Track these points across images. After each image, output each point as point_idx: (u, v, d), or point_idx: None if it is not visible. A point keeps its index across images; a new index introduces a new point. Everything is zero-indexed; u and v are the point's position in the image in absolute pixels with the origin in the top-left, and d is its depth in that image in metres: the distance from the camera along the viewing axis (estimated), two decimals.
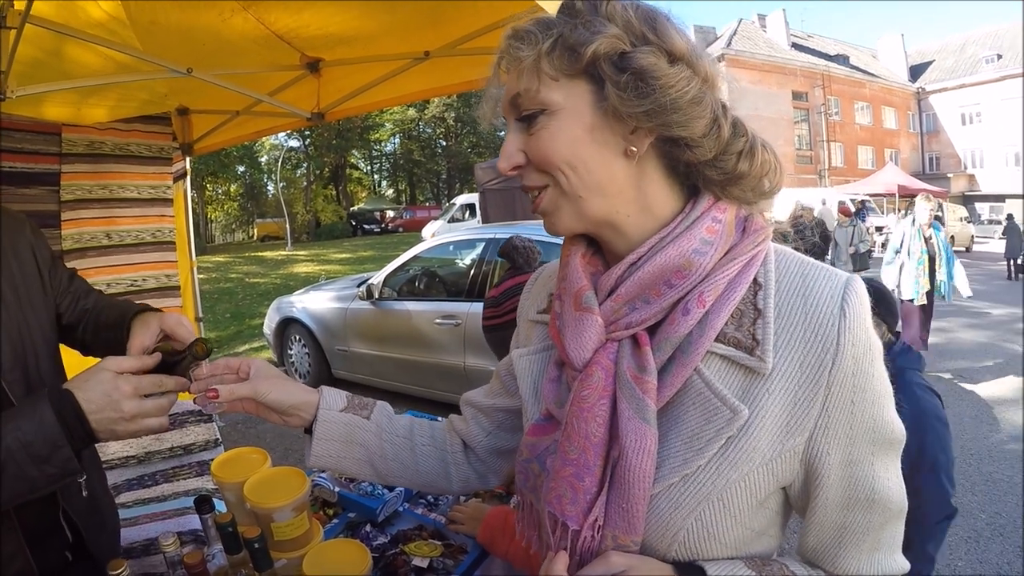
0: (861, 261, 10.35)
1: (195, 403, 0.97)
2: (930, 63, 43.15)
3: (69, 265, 3.38)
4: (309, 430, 1.02)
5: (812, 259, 0.79)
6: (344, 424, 1.01)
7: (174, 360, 1.07)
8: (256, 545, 1.05)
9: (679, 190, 0.79)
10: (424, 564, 1.61)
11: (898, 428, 0.75)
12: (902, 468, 0.78)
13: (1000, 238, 19.05)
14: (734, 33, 35.30)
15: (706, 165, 0.75)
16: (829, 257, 10.58)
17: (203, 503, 1.27)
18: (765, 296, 0.74)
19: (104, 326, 1.33)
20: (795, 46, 38.64)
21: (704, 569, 0.73)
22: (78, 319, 1.39)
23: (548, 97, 0.74)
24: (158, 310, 1.29)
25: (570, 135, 0.74)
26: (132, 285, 4.06)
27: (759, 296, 0.75)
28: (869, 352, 0.71)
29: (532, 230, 5.03)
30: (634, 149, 0.74)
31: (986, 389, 6.41)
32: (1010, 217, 18.63)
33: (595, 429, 0.75)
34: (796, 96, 35.75)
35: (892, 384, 0.75)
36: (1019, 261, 16.39)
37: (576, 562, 0.77)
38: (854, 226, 10.61)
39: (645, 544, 0.75)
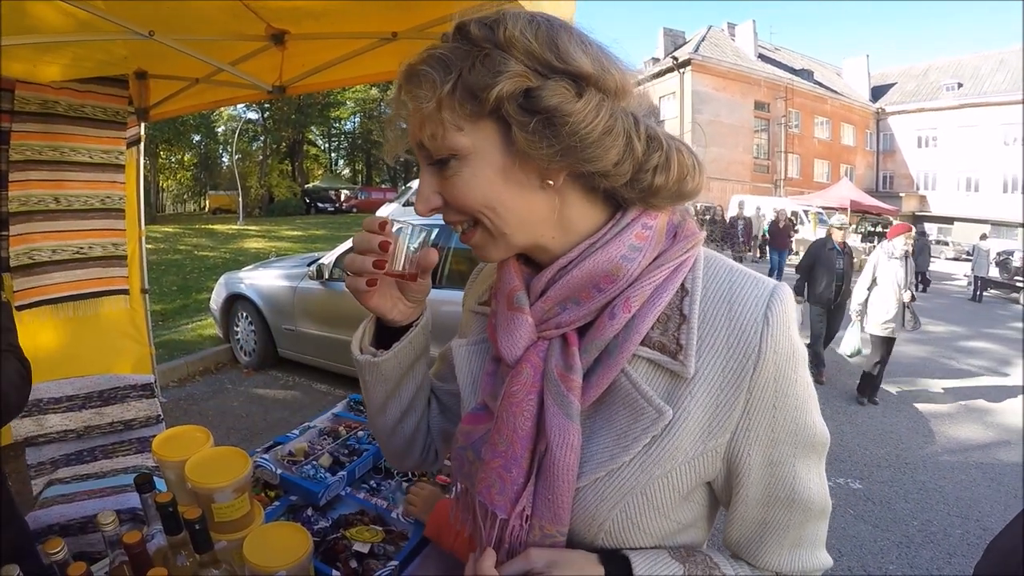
0: (914, 318, 6.39)
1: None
2: (892, 85, 44.12)
3: (15, 228, 3.22)
4: (380, 341, 0.96)
5: (742, 266, 0.80)
6: (423, 343, 0.97)
7: None
8: (196, 526, 1.03)
9: (602, 205, 0.79)
10: (365, 549, 1.61)
11: (821, 432, 0.77)
12: None
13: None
14: (703, 39, 35.61)
15: (623, 187, 0.75)
16: (855, 306, 6.54)
17: (143, 482, 1.24)
18: (691, 302, 0.76)
19: None
20: (762, 57, 39.21)
21: (629, 560, 0.75)
22: None
23: (455, 143, 0.72)
24: None
25: (483, 179, 0.73)
26: (78, 252, 3.94)
27: (685, 302, 0.76)
28: (792, 358, 0.73)
29: None
30: (551, 182, 0.74)
31: (924, 403, 6.64)
32: (921, 234, 19.16)
33: (523, 423, 0.78)
34: (758, 106, 36.28)
35: None
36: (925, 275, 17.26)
37: (506, 550, 0.79)
38: (906, 256, 6.32)
39: (573, 533, 0.78)
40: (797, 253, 16.61)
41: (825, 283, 6.91)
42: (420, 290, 0.90)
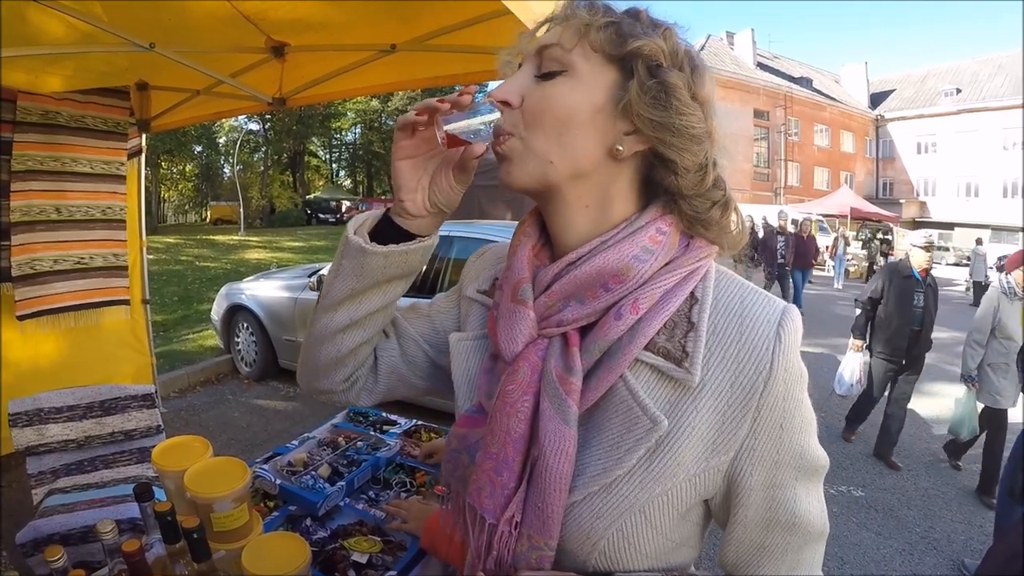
0: None
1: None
2: (891, 92, 44.15)
3: (16, 238, 3.27)
4: (377, 234, 0.91)
5: (753, 284, 0.79)
6: (417, 264, 0.93)
7: None
8: (195, 535, 1.03)
9: (637, 205, 0.79)
10: (363, 559, 1.61)
11: (821, 456, 0.76)
12: None
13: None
14: (702, 48, 35.62)
15: (682, 198, 0.76)
16: (969, 369, 4.68)
17: (143, 491, 1.24)
18: (700, 310, 0.74)
19: None
20: (760, 66, 39.30)
21: None
22: None
23: (575, 60, 0.74)
24: None
25: (575, 104, 0.73)
26: (79, 263, 3.96)
27: (694, 310, 0.75)
28: (800, 380, 0.72)
29: (489, 230, 5.04)
30: (620, 149, 0.74)
31: (926, 409, 6.62)
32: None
33: (516, 425, 0.76)
34: (758, 114, 36.35)
35: None
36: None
37: (494, 557, 0.77)
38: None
39: (566, 551, 0.75)
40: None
41: (897, 325, 5.04)
42: (446, 192, 0.87)
